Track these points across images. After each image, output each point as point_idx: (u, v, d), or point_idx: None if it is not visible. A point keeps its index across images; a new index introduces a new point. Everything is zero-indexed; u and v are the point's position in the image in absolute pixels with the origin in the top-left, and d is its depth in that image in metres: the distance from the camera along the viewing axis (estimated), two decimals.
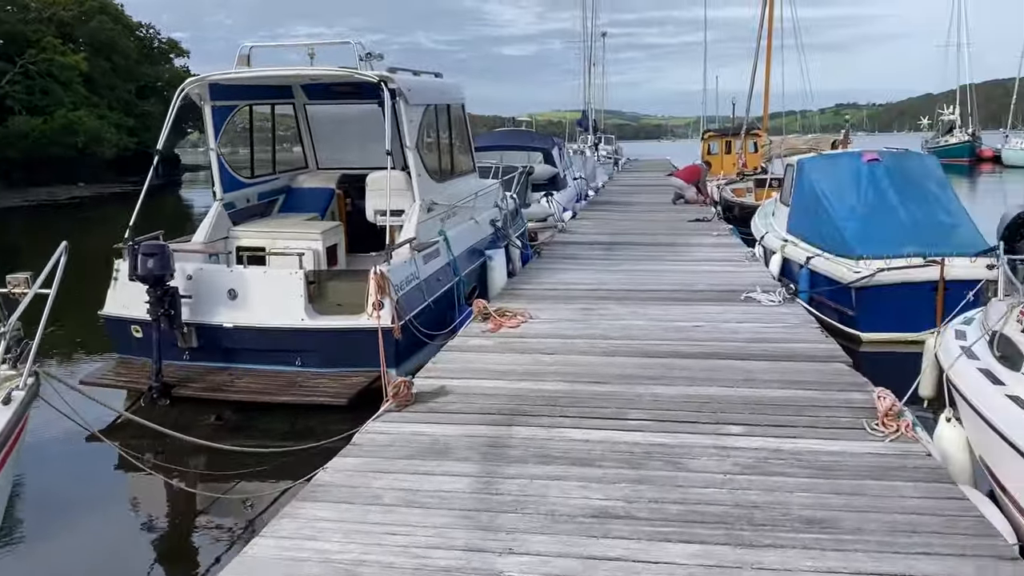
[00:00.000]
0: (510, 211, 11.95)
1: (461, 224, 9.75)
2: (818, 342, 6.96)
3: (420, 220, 8.58)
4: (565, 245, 13.44)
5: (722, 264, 11.20)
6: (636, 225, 16.49)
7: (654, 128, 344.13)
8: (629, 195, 24.83)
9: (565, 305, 8.58)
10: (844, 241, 9.86)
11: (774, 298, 8.62)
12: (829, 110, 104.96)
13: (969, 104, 59.49)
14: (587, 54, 46.67)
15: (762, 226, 13.05)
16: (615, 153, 51.77)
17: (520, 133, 21.39)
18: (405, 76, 8.77)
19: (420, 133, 8.87)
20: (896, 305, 9.14)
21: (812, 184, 11.13)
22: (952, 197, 10.59)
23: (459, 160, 10.42)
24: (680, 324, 7.64)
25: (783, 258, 11.14)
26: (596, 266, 11.17)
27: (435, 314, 8.25)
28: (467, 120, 10.71)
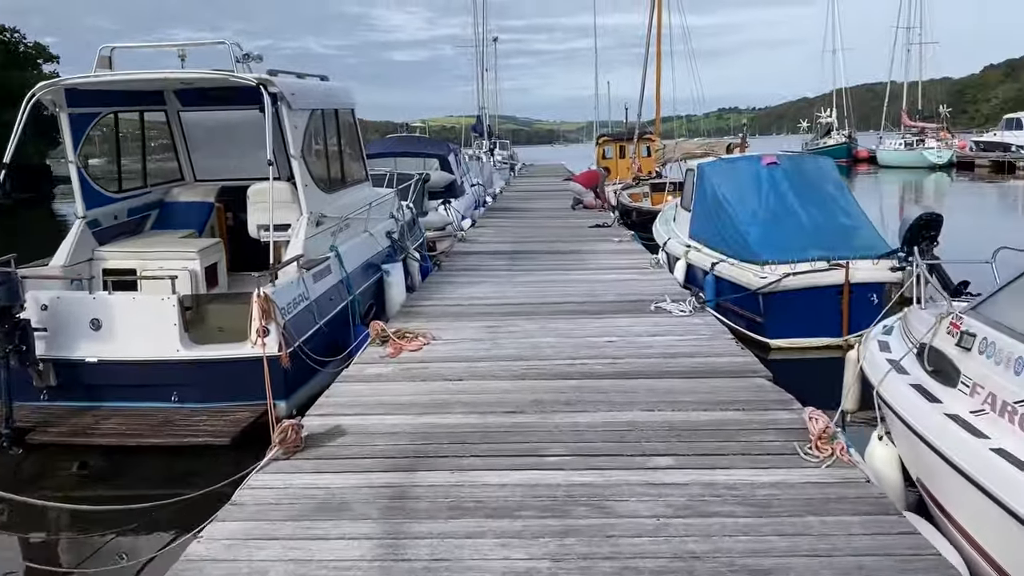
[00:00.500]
0: (407, 222, 11.34)
1: (354, 238, 9.09)
2: (735, 355, 6.66)
3: (308, 235, 7.90)
4: (466, 255, 12.92)
5: (628, 272, 10.91)
6: (537, 232, 16.13)
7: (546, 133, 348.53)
8: (527, 201, 24.54)
9: (470, 323, 8.05)
10: (748, 246, 9.72)
11: (684, 308, 8.33)
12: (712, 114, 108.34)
13: (845, 107, 62.33)
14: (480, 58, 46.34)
15: (664, 232, 12.89)
16: (511, 158, 51.66)
17: (414, 139, 20.75)
18: (287, 79, 8.07)
19: (306, 140, 8.18)
20: (803, 310, 9.03)
21: (713, 189, 11.00)
22: (850, 199, 10.64)
23: (350, 169, 9.75)
24: (591, 339, 7.22)
25: (687, 264, 10.96)
26: (499, 278, 10.69)
27: (328, 337, 7.59)
28: (358, 126, 10.05)
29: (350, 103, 9.78)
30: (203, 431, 6.35)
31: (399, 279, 9.43)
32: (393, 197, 10.71)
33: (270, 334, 6.55)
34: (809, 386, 6.95)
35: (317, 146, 8.77)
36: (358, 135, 10.07)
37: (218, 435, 6.24)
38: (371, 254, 9.33)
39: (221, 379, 6.70)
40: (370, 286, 9.09)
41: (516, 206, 22.82)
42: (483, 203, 23.18)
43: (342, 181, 9.35)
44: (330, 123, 9.08)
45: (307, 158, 8.19)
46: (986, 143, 52.27)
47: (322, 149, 8.85)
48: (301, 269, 7.40)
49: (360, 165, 10.17)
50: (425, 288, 10.18)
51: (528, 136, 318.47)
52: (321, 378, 7.26)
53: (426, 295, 9.67)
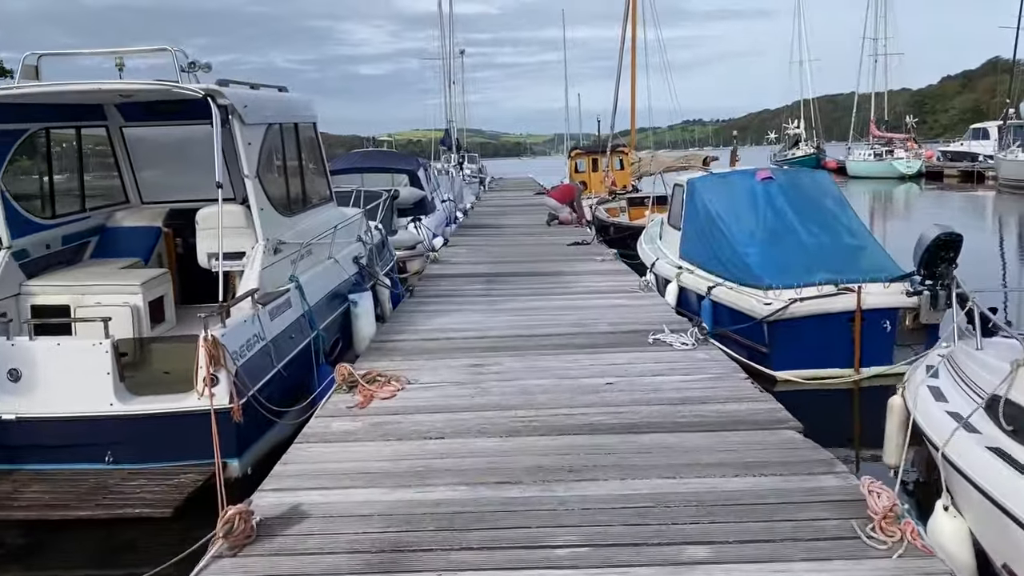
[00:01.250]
0: (376, 244, 10.44)
1: (318, 265, 8.18)
2: (755, 399, 5.85)
3: (264, 265, 6.99)
4: (440, 279, 12.04)
5: (617, 297, 10.10)
6: (514, 251, 15.30)
7: (514, 146, 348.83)
8: (500, 216, 23.73)
9: (449, 361, 7.16)
10: (748, 269, 8.96)
11: (686, 340, 7.52)
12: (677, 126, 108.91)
13: (813, 118, 62.57)
14: (447, 70, 45.61)
15: (650, 251, 12.12)
16: (480, 172, 50.90)
17: (382, 154, 19.86)
18: (239, 90, 7.16)
19: (261, 158, 7.28)
20: (811, 339, 8.29)
21: (705, 206, 10.26)
22: (853, 216, 9.95)
23: (312, 188, 8.84)
24: (588, 382, 6.38)
25: (679, 287, 10.20)
26: (478, 305, 9.82)
27: (288, 382, 6.68)
28: (320, 141, 9.15)
29: (311, 116, 8.88)
30: (141, 500, 5.41)
31: (368, 309, 8.53)
32: (360, 218, 9.82)
33: (219, 383, 5.66)
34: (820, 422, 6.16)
35: (275, 164, 7.86)
36: (321, 151, 9.17)
37: (159, 505, 5.32)
38: (337, 283, 8.42)
39: (163, 436, 5.79)
40: (336, 319, 8.18)
41: (489, 222, 22.00)
42: (454, 220, 22.33)
43: (303, 202, 8.44)
44: (289, 138, 8.17)
45: (263, 178, 7.29)
46: (953, 153, 52.62)
47: (280, 167, 7.94)
48: (256, 305, 6.49)
49: (324, 184, 9.26)
50: (397, 319, 9.27)
51: (495, 149, 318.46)
52: (279, 430, 6.36)
53: (398, 327, 8.77)
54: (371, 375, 6.56)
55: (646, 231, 13.50)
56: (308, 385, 7.11)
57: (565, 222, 20.59)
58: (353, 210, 10.03)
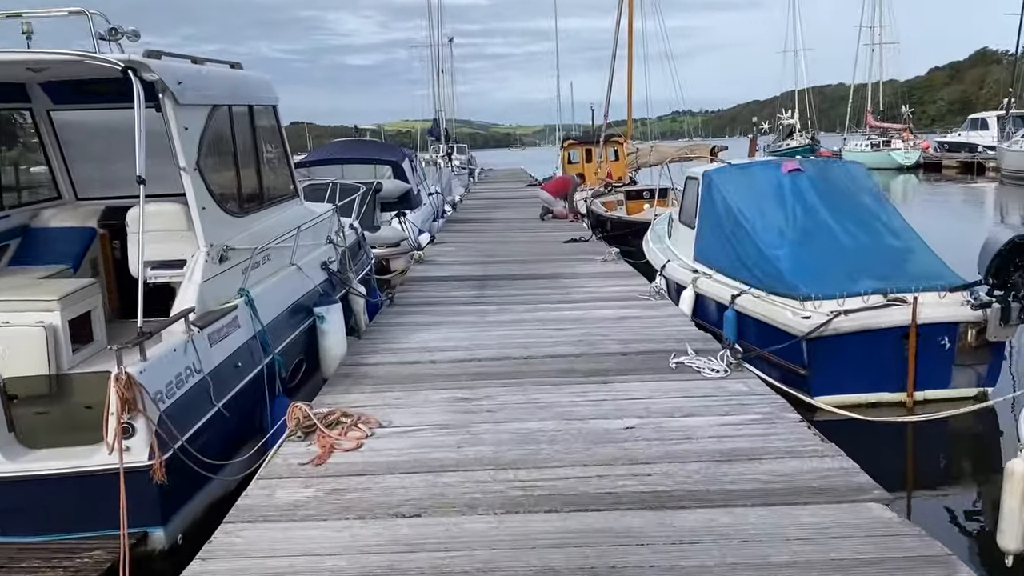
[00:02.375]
0: (350, 246, 9.15)
1: (277, 274, 6.88)
2: (819, 452, 4.60)
3: (207, 276, 5.71)
4: (425, 283, 10.74)
5: (625, 305, 8.84)
6: (506, 249, 14.02)
7: (503, 137, 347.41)
8: (491, 210, 22.44)
9: (431, 393, 5.89)
10: (779, 275, 7.73)
11: (716, 365, 6.27)
12: (667, 117, 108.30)
13: (808, 108, 61.36)
14: (435, 57, 44.21)
15: (659, 252, 10.86)
16: (469, 163, 49.53)
17: (365, 144, 18.53)
18: (173, 63, 5.86)
19: (203, 147, 5.99)
20: (858, 359, 7.07)
21: (725, 201, 9.00)
22: (894, 213, 8.72)
23: (271, 183, 7.52)
24: (602, 424, 5.11)
25: (696, 294, 8.96)
26: (467, 316, 8.54)
27: (233, 422, 5.42)
28: (282, 127, 7.83)
29: (271, 98, 7.55)
30: None
31: (338, 324, 7.24)
32: (332, 216, 8.51)
33: (135, 434, 4.42)
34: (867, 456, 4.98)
35: (223, 154, 6.56)
36: (283, 139, 7.83)
37: None
38: (300, 294, 7.13)
39: (65, 502, 4.55)
40: (299, 338, 6.90)
41: (479, 216, 20.72)
42: (442, 214, 21.05)
43: (260, 199, 7.13)
44: (242, 124, 6.85)
45: (206, 170, 6.00)
46: (951, 143, 51.56)
47: (230, 158, 6.63)
48: (191, 328, 5.21)
49: (286, 177, 7.94)
50: (373, 334, 7.98)
51: (485, 140, 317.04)
52: (219, 486, 5.11)
53: (374, 345, 7.48)
54: (334, 415, 5.28)
55: (652, 229, 12.24)
56: (260, 423, 5.86)
57: (559, 216, 19.39)
58: (323, 207, 8.72)
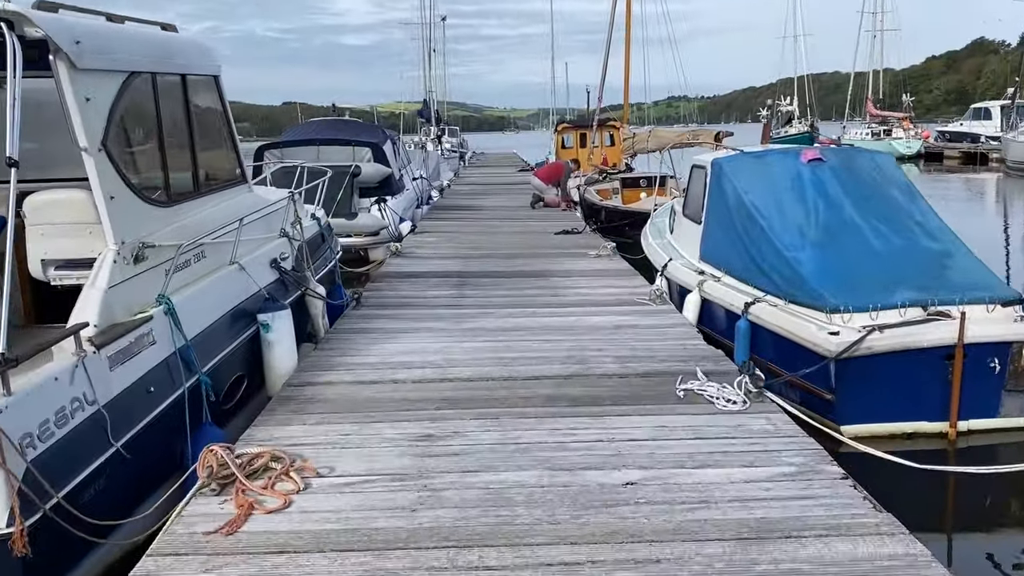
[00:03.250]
0: (311, 239, 8.05)
1: (212, 275, 5.80)
2: (879, 529, 3.51)
3: (114, 281, 4.65)
4: (399, 281, 9.64)
5: (622, 312, 7.78)
6: (492, 241, 12.94)
7: (497, 120, 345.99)
8: (479, 197, 21.33)
9: (388, 427, 4.81)
10: (801, 281, 6.69)
11: (732, 394, 5.23)
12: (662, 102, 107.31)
13: (808, 95, 60.20)
14: (426, 36, 42.93)
15: (659, 248, 9.80)
16: (460, 146, 48.30)
17: (343, 124, 17.32)
18: (70, 18, 4.75)
19: (113, 122, 4.89)
20: (893, 383, 6.04)
21: (737, 194, 7.94)
22: (929, 210, 7.66)
23: (210, 167, 6.40)
24: (600, 480, 4.02)
25: (702, 299, 7.92)
26: (441, 322, 7.47)
27: (137, 465, 4.36)
28: (225, 102, 6.69)
29: (210, 67, 6.41)
30: None
31: (286, 334, 6.15)
32: (287, 205, 7.39)
33: None
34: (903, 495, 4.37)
35: (142, 132, 5.45)
36: (227, 115, 6.69)
37: None
38: (240, 298, 6.03)
39: None
40: (237, 351, 5.82)
41: (466, 203, 19.62)
42: (427, 200, 19.92)
43: (193, 186, 6.02)
44: (170, 96, 5.73)
45: (116, 151, 4.91)
46: (952, 133, 50.58)
47: (154, 137, 5.52)
48: (83, 349, 4.14)
49: (230, 160, 6.80)
50: (332, 343, 6.90)
51: (478, 123, 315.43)
52: (109, 552, 4.07)
53: (329, 358, 6.40)
54: (261, 459, 4.21)
55: (652, 222, 11.16)
56: (181, 459, 4.82)
57: (551, 204, 18.34)
58: (278, 193, 7.61)
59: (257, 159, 15.13)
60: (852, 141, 51.96)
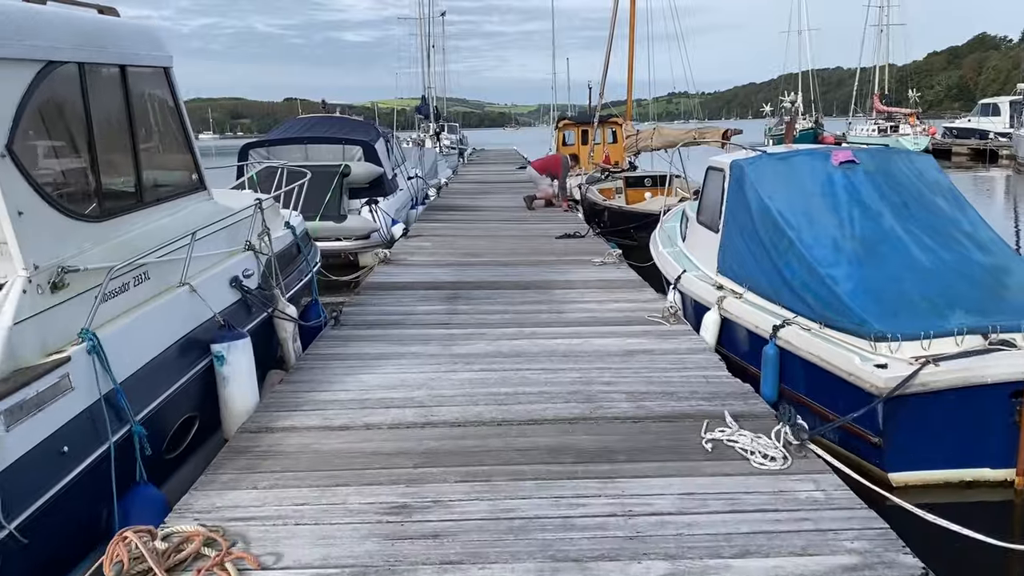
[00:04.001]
0: (283, 250, 7.18)
1: (154, 300, 4.95)
2: None
3: (22, 315, 3.82)
4: (384, 294, 8.77)
5: (633, 332, 6.91)
6: (489, 246, 12.08)
7: (498, 116, 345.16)
8: (478, 196, 20.46)
9: (354, 492, 3.93)
10: (840, 303, 5.82)
11: (771, 448, 4.37)
12: (663, 99, 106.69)
13: (812, 90, 59.28)
14: (424, 31, 42.04)
15: (671, 257, 8.93)
16: (460, 143, 47.42)
17: (332, 121, 16.45)
18: None
19: (23, 121, 4.03)
20: (950, 424, 5.20)
21: (761, 201, 7.08)
22: (978, 219, 6.80)
23: (158, 173, 5.54)
24: (612, 570, 3.24)
25: (721, 318, 7.06)
26: (431, 345, 6.60)
27: (41, 549, 3.52)
28: (178, 97, 5.81)
29: (158, 58, 5.54)
30: None
31: (243, 367, 5.28)
32: (252, 215, 6.52)
33: None
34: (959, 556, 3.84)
35: (67, 133, 4.59)
36: (180, 113, 5.81)
37: None
38: (191, 326, 5.18)
39: None
40: (185, 389, 4.97)
41: (463, 203, 18.74)
42: (423, 200, 19.05)
43: (137, 196, 5.16)
44: (105, 91, 4.87)
45: (28, 157, 4.06)
46: (959, 129, 49.70)
47: (82, 139, 4.66)
48: None
49: (185, 165, 5.92)
50: (302, 372, 6.04)
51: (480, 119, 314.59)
52: None
53: (296, 394, 5.53)
54: (192, 544, 3.36)
55: (661, 227, 10.28)
56: (107, 528, 3.98)
57: (543, 196, 17.55)
58: (243, 199, 6.73)
59: (241, 158, 14.32)
60: (858, 137, 51.20)
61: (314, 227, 12.81)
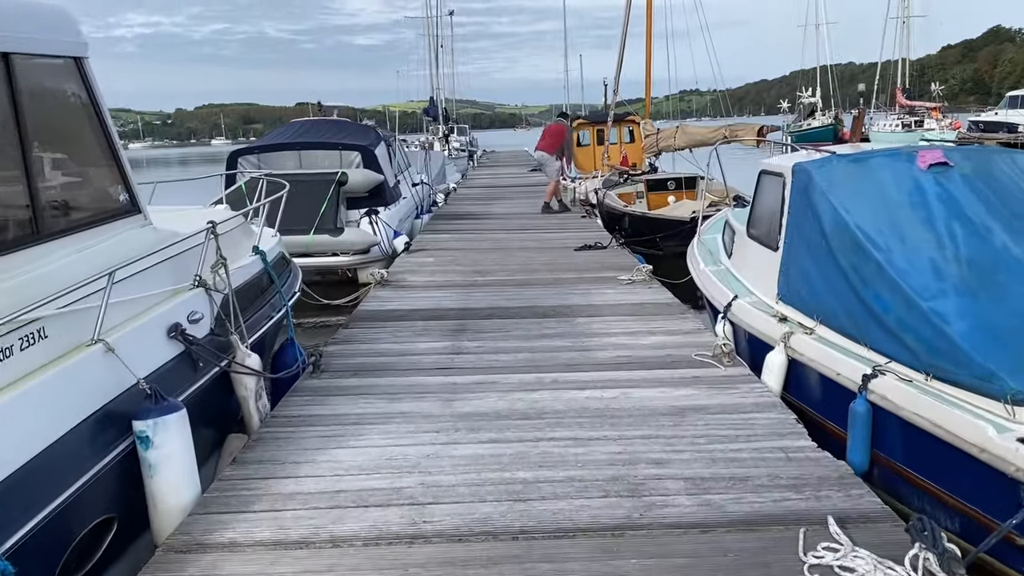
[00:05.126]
0: (246, 284, 5.88)
1: (50, 369, 3.65)
2: None
3: None
4: (377, 327, 7.43)
5: (679, 379, 5.56)
6: (500, 261, 10.77)
7: (509, 117, 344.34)
8: (488, 202, 19.15)
9: None
10: (954, 348, 4.44)
11: None
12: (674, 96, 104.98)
13: (831, 86, 57.70)
14: (431, 31, 40.85)
15: (715, 277, 7.57)
16: (470, 144, 46.16)
17: (328, 124, 15.18)
18: None
19: None
20: None
21: (835, 214, 5.71)
22: None
23: (64, 194, 4.26)
24: None
25: (788, 359, 5.71)
26: (428, 400, 5.27)
27: None
28: (96, 96, 4.52)
29: (65, 45, 4.25)
30: None
31: (177, 448, 3.98)
32: (204, 242, 5.21)
33: None
34: None
35: None
36: (99, 115, 4.48)
37: None
38: (105, 398, 3.89)
39: None
40: (97, 484, 3.69)
41: (473, 210, 17.44)
42: (430, 207, 17.77)
43: (31, 227, 3.87)
44: None
45: None
46: (986, 123, 47.94)
47: None
48: None
49: (108, 181, 4.62)
50: (262, 445, 4.71)
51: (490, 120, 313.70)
52: None
53: (248, 484, 4.20)
54: None
55: (699, 239, 8.90)
56: None
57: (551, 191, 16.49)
58: (200, 218, 5.43)
59: (230, 166, 13.08)
60: (881, 133, 49.54)
61: (308, 242, 11.56)
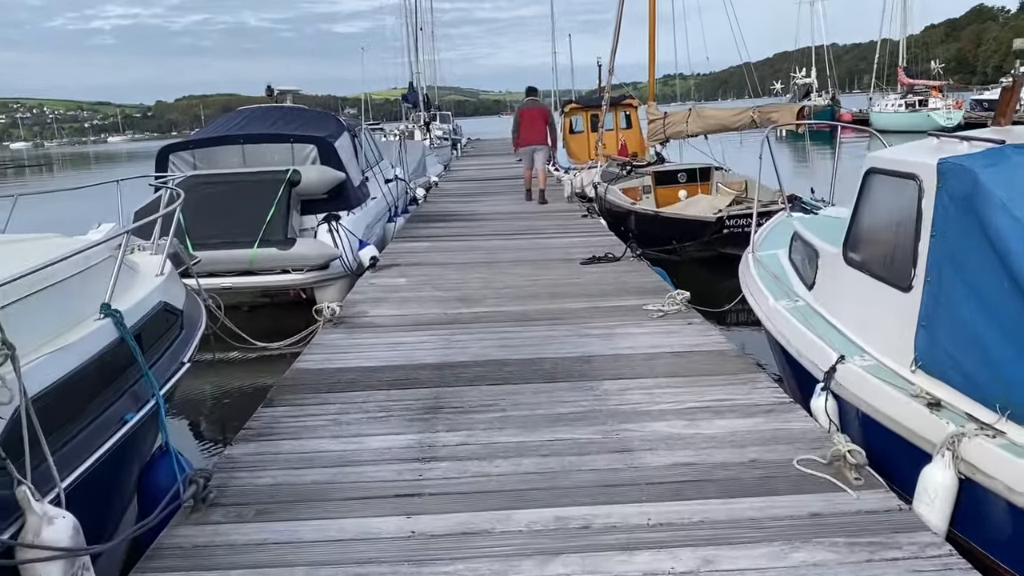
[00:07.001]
0: (69, 377, 3.63)
1: None
2: None
3: None
4: (312, 407, 5.09)
5: (777, 526, 3.32)
6: (490, 280, 8.52)
7: (493, 104, 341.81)
8: (473, 199, 16.88)
9: None
10: None
11: None
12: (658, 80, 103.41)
13: (828, 65, 55.73)
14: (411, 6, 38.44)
15: (793, 316, 5.36)
16: (453, 133, 43.76)
17: (279, 112, 12.72)
18: None
19: None
20: None
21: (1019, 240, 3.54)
22: None
23: None
24: None
25: (962, 480, 3.50)
26: (384, 566, 3.08)
27: None
28: None
29: None
30: None
31: None
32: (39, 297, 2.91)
33: None
34: None
35: None
36: None
37: None
38: None
39: None
40: None
41: (456, 209, 15.18)
42: (405, 208, 15.48)
43: None
44: None
45: None
46: (990, 102, 46.20)
47: None
48: None
49: None
50: None
51: (475, 107, 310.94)
52: None
53: None
54: None
55: (756, 259, 6.64)
56: None
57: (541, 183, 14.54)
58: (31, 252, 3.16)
59: (160, 166, 10.74)
60: (884, 114, 47.51)
61: (251, 257, 9.27)
